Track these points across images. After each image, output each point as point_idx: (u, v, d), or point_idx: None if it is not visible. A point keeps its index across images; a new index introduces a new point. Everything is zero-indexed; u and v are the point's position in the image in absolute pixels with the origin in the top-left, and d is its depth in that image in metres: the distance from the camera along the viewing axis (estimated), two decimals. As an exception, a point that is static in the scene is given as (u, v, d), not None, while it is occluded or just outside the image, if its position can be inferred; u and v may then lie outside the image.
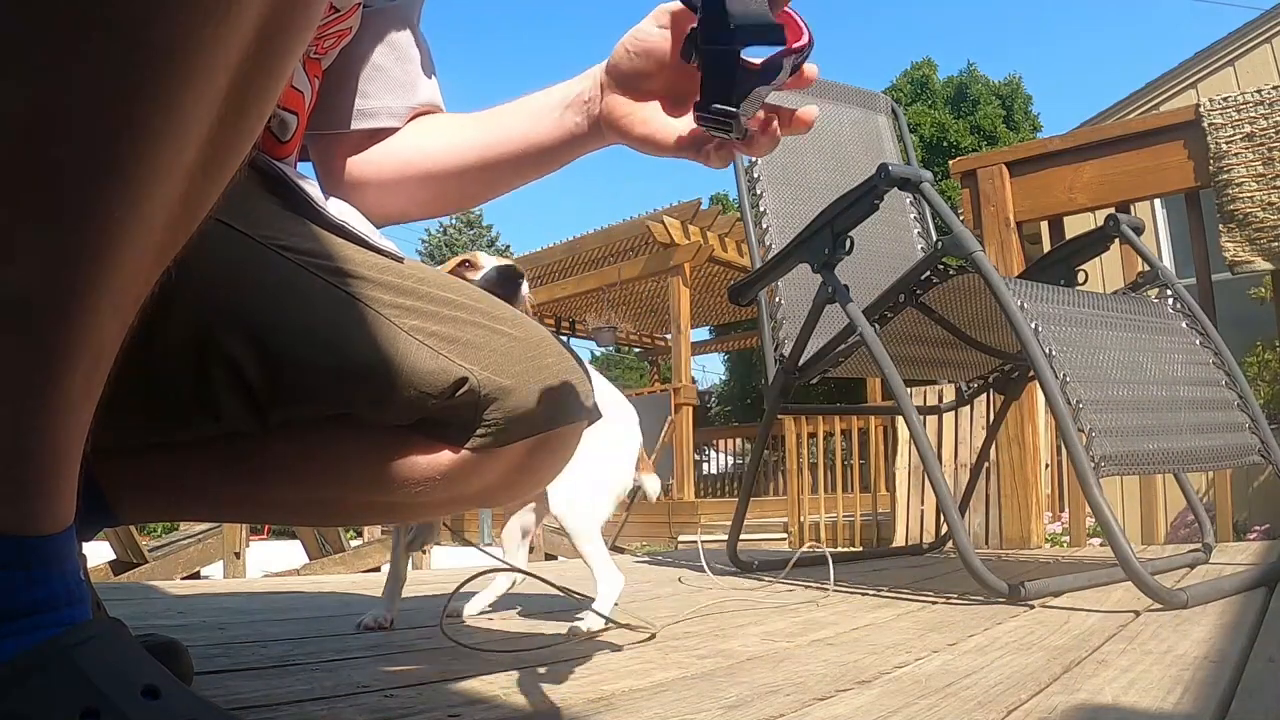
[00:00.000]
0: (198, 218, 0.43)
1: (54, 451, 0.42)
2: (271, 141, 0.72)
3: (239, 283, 0.62)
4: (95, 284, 0.39)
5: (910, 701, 0.68)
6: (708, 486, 10.35)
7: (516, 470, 0.73)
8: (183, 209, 0.40)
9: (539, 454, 0.74)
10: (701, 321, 10.87)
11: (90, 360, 0.41)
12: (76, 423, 0.42)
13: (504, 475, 0.73)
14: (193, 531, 4.93)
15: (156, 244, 0.40)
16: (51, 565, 0.43)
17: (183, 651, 0.63)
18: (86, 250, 0.38)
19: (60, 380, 0.40)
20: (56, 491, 0.43)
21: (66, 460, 0.42)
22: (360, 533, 6.83)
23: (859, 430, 5.89)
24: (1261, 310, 3.92)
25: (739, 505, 2.02)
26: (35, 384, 0.40)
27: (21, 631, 0.41)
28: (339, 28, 0.74)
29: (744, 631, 1.09)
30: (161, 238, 0.40)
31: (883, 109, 2.34)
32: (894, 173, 1.43)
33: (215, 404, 0.63)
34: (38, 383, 0.40)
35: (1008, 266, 2.38)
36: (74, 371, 0.40)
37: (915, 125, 13.40)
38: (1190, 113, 2.23)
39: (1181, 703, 0.66)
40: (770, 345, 1.89)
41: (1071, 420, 1.24)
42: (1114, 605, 1.21)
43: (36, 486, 0.42)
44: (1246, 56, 5.54)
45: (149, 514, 0.77)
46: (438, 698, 0.70)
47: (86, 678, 0.41)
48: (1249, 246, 2.14)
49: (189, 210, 0.41)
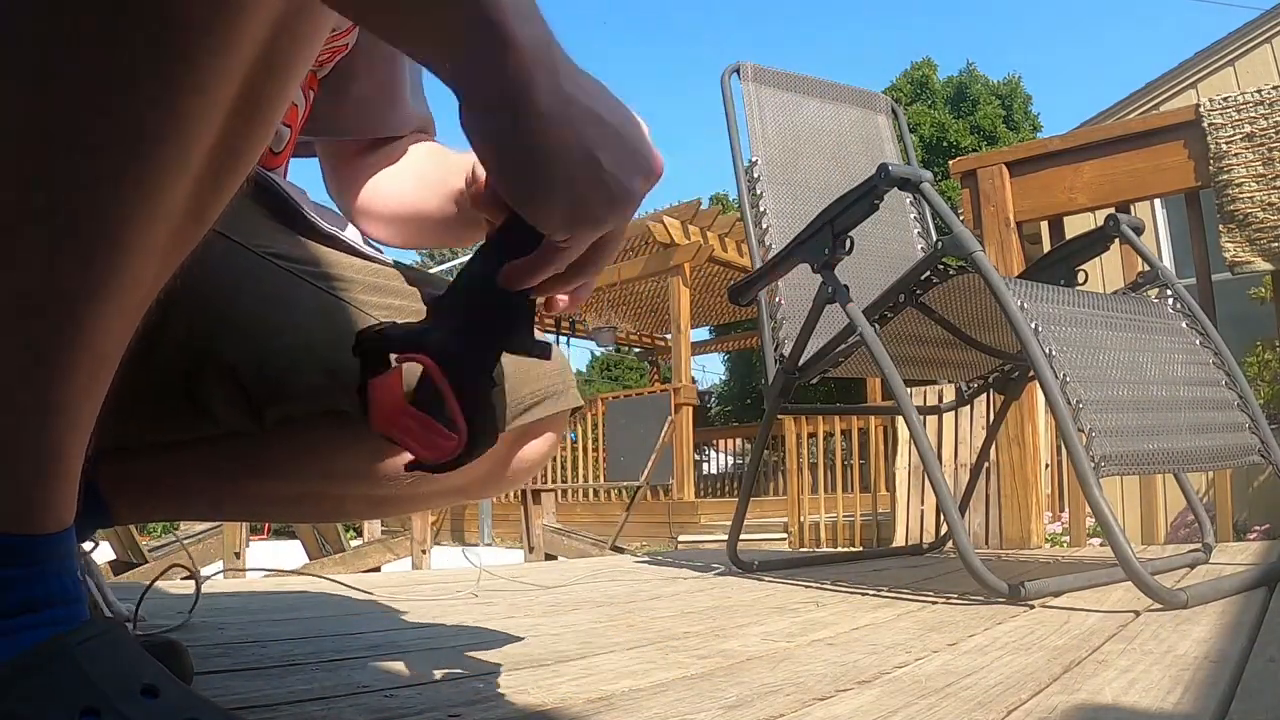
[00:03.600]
0: (204, 225, 0.43)
1: (56, 452, 0.42)
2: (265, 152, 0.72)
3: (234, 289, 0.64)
4: (101, 288, 0.39)
5: (910, 701, 0.68)
6: (708, 486, 10.36)
7: (503, 461, 0.77)
8: (189, 216, 0.41)
9: (525, 443, 0.77)
10: (701, 321, 10.86)
11: (94, 363, 0.41)
12: (79, 424, 0.42)
13: (491, 466, 0.76)
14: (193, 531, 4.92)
15: (163, 251, 0.41)
16: (51, 564, 0.43)
17: (183, 651, 0.63)
18: (93, 255, 0.38)
19: (64, 382, 0.40)
20: (58, 491, 0.43)
21: (68, 461, 0.43)
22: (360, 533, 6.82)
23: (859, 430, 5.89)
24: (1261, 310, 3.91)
25: (739, 505, 2.02)
26: (39, 385, 0.40)
27: (21, 630, 0.41)
28: (335, 44, 0.75)
29: (744, 631, 1.09)
30: (168, 244, 0.41)
31: (882, 109, 2.34)
32: (894, 173, 1.43)
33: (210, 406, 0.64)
34: (41, 384, 0.40)
35: (1008, 266, 2.37)
36: (78, 373, 0.40)
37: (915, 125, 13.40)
38: (1190, 113, 2.23)
39: (1181, 703, 0.66)
40: (770, 345, 1.89)
41: (1071, 420, 1.24)
42: (1114, 605, 1.21)
43: (38, 486, 0.42)
44: (1246, 56, 5.54)
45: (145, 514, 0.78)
46: (438, 698, 0.70)
47: (86, 677, 0.41)
48: (1249, 246, 2.13)
49: (195, 217, 0.42)
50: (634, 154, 0.48)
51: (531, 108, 0.43)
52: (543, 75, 0.43)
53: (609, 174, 0.47)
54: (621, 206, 0.48)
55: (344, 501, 0.78)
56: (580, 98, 0.45)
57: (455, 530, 8.28)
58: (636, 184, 0.49)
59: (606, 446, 8.15)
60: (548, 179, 0.45)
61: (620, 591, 1.60)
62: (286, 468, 0.72)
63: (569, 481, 8.32)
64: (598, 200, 0.47)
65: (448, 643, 0.99)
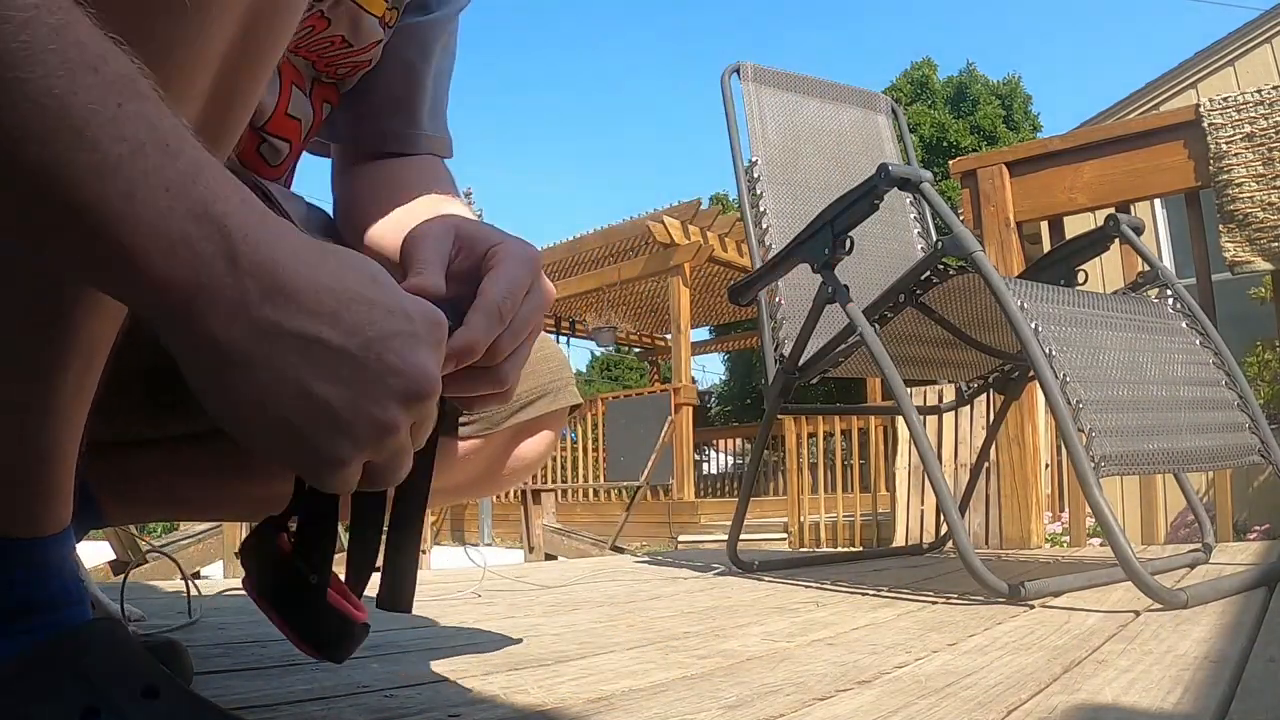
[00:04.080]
0: None
1: (49, 453, 0.42)
2: (261, 165, 0.72)
3: None
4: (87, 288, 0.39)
5: (910, 701, 0.68)
6: (708, 486, 10.36)
7: (500, 459, 0.77)
8: None
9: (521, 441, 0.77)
10: (701, 321, 10.87)
11: (83, 361, 0.41)
12: (70, 423, 0.42)
13: (489, 464, 0.76)
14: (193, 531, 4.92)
15: None
16: (50, 566, 0.43)
17: (183, 651, 0.63)
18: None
19: (54, 382, 0.40)
20: (53, 493, 0.43)
21: (62, 461, 0.42)
22: (360, 533, 6.82)
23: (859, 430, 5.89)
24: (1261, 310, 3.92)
25: (739, 505, 2.02)
26: (29, 387, 0.40)
27: (21, 632, 0.41)
28: (357, 59, 0.74)
29: (744, 631, 1.09)
30: None
31: (882, 109, 2.34)
32: (894, 173, 1.43)
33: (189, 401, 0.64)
34: (31, 385, 0.40)
35: (1008, 266, 2.37)
36: (67, 373, 0.40)
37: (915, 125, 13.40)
38: (1190, 113, 2.23)
39: (1181, 703, 0.66)
40: (770, 345, 1.89)
41: (1071, 420, 1.24)
42: (1114, 605, 1.21)
43: (32, 488, 0.42)
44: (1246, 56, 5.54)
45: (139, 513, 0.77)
46: (438, 698, 0.70)
47: (87, 677, 0.41)
48: (1249, 246, 2.13)
49: None
50: (380, 377, 0.38)
51: (205, 346, 0.34)
52: (211, 302, 0.33)
53: (339, 412, 0.37)
54: (377, 441, 0.39)
55: None
56: (288, 318, 0.35)
57: (455, 530, 8.28)
58: (392, 412, 0.39)
59: (606, 446, 8.15)
60: (261, 431, 0.37)
61: (620, 591, 1.60)
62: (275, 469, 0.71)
63: (569, 481, 8.32)
64: (339, 446, 0.38)
65: (448, 643, 0.99)
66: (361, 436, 0.38)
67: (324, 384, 0.36)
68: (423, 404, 0.40)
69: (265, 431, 0.37)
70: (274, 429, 0.37)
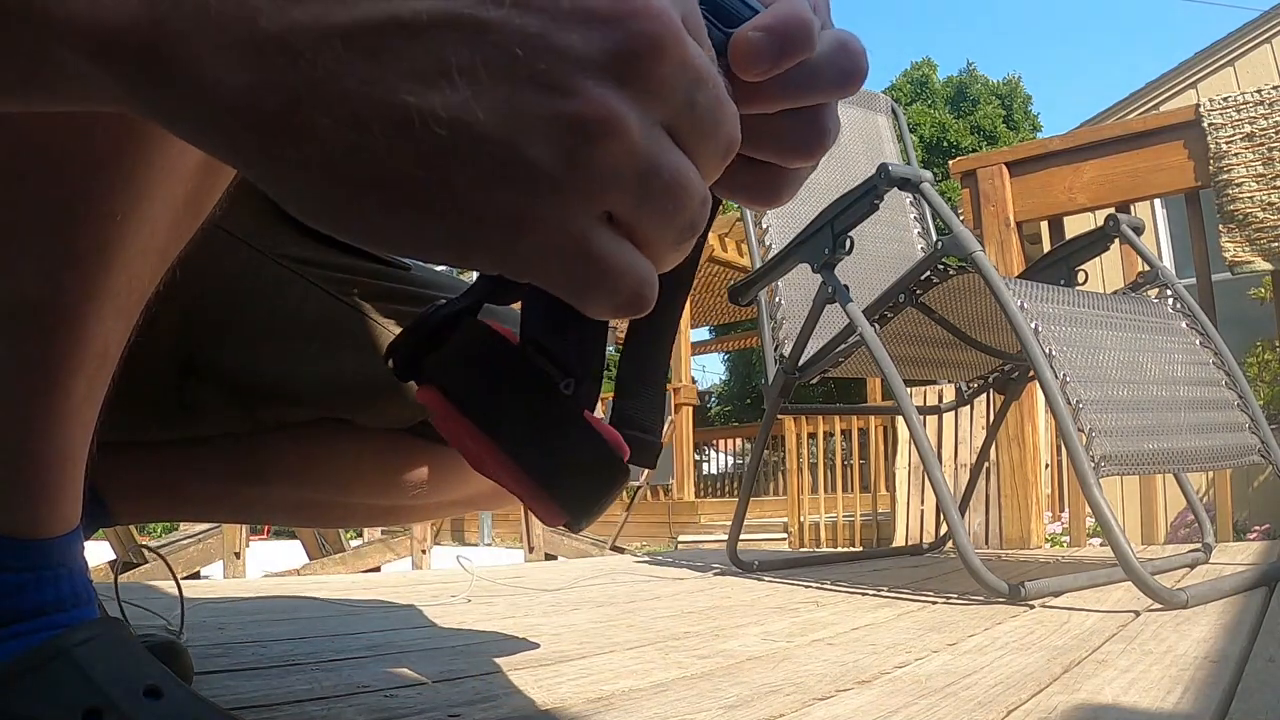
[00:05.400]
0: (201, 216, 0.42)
1: (59, 454, 0.42)
2: None
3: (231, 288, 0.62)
4: (98, 286, 0.39)
5: (910, 701, 0.68)
6: (708, 486, 10.35)
7: None
8: (186, 209, 0.40)
9: None
10: (701, 321, 10.86)
11: (95, 362, 0.41)
12: (81, 425, 0.42)
13: None
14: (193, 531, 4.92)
15: (160, 245, 0.40)
16: (59, 567, 0.43)
17: (182, 651, 0.63)
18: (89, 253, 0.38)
19: (65, 382, 0.40)
20: (62, 493, 0.43)
21: (71, 462, 0.42)
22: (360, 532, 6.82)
23: (859, 430, 5.89)
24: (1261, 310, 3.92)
25: (739, 505, 2.02)
26: (39, 387, 0.40)
27: (29, 633, 0.41)
28: None
29: (744, 631, 1.09)
30: (165, 238, 0.40)
31: (882, 109, 2.34)
32: (894, 173, 1.43)
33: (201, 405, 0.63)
34: (42, 386, 0.40)
35: (1008, 266, 2.37)
36: (78, 373, 0.40)
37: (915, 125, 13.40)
38: (1190, 113, 2.23)
39: (1181, 703, 0.66)
40: (770, 345, 1.89)
41: (1071, 420, 1.24)
42: (1114, 605, 1.21)
43: (42, 489, 0.42)
44: (1246, 56, 5.54)
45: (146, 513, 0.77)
46: (438, 698, 0.70)
47: (89, 678, 0.41)
48: (1249, 246, 2.13)
49: (192, 210, 0.41)
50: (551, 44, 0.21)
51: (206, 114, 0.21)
52: (183, 36, 0.20)
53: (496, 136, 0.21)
54: (584, 152, 0.22)
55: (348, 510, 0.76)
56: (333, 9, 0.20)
57: (456, 530, 8.28)
58: (592, 90, 0.21)
59: (607, 446, 8.13)
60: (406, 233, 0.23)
61: (620, 591, 1.60)
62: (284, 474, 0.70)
63: (569, 481, 8.30)
64: (530, 197, 0.22)
65: (448, 643, 0.99)
66: (548, 160, 0.21)
67: (448, 98, 0.20)
68: (644, 61, 0.22)
69: (409, 231, 0.22)
70: (414, 221, 0.22)
